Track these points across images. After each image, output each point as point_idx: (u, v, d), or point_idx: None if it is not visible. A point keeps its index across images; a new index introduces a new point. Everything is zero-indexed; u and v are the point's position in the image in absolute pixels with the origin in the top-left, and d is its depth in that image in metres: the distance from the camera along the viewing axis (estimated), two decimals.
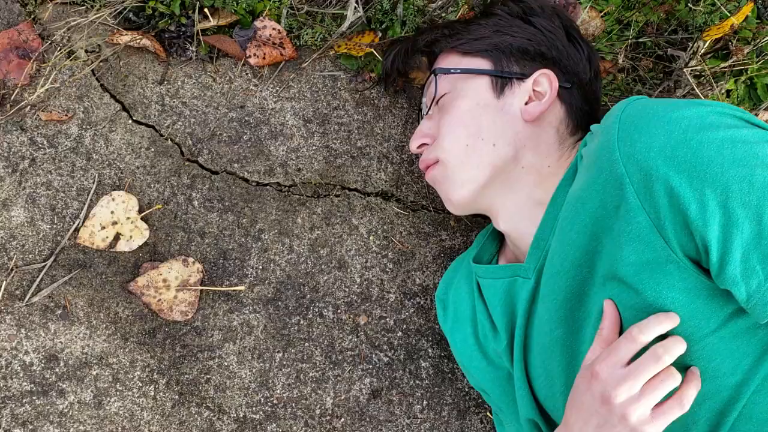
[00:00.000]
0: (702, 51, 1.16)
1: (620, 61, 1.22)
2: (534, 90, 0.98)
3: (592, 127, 0.88)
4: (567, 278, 0.85)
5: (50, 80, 1.17)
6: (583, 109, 1.01)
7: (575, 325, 0.86)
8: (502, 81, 0.98)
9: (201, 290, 1.14)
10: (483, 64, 1.00)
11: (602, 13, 1.26)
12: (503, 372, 1.02)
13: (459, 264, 1.13)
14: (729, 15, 1.20)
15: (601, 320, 0.80)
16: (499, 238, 1.10)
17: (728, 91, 1.21)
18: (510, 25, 1.00)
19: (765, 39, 1.21)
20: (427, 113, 1.06)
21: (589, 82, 1.02)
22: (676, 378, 0.75)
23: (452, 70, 1.01)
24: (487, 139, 0.96)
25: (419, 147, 1.05)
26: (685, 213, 0.70)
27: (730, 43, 1.22)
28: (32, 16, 1.20)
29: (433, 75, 1.04)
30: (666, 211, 0.72)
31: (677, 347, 0.75)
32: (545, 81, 0.97)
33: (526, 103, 0.97)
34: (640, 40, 1.25)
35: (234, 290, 1.15)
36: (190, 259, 1.15)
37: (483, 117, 0.97)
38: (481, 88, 0.99)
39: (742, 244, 0.68)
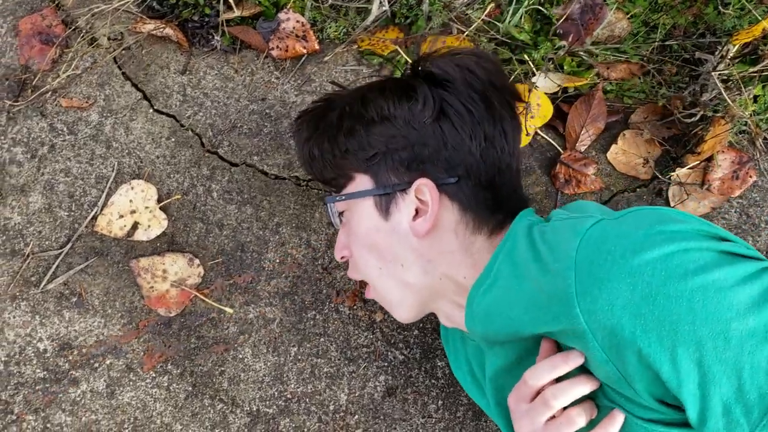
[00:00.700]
0: (731, 55, 1.14)
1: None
2: (419, 199, 0.88)
3: (549, 225, 0.80)
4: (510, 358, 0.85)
5: (72, 66, 1.16)
6: (480, 198, 0.88)
7: None
8: (385, 198, 0.89)
9: (194, 295, 1.13)
10: (365, 182, 0.91)
11: (629, 15, 1.24)
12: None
13: None
14: (760, 19, 1.18)
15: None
16: None
17: (756, 97, 1.19)
18: (372, 137, 0.89)
19: None
20: (338, 226, 0.99)
21: (481, 162, 0.87)
22: (578, 421, 0.74)
23: (337, 198, 0.94)
24: (393, 261, 0.90)
25: (342, 259, 1.00)
26: (658, 372, 0.64)
27: (759, 48, 1.20)
28: (56, 2, 1.19)
29: (323, 203, 0.99)
30: (635, 369, 0.66)
31: (569, 393, 0.74)
32: (425, 190, 0.86)
33: (415, 217, 0.88)
34: (667, 43, 1.23)
35: (222, 309, 1.13)
36: (196, 261, 1.13)
37: (379, 241, 0.90)
38: (367, 211, 0.91)
39: (722, 399, 0.63)
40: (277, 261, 1.16)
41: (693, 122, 1.18)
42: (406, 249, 0.89)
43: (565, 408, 0.76)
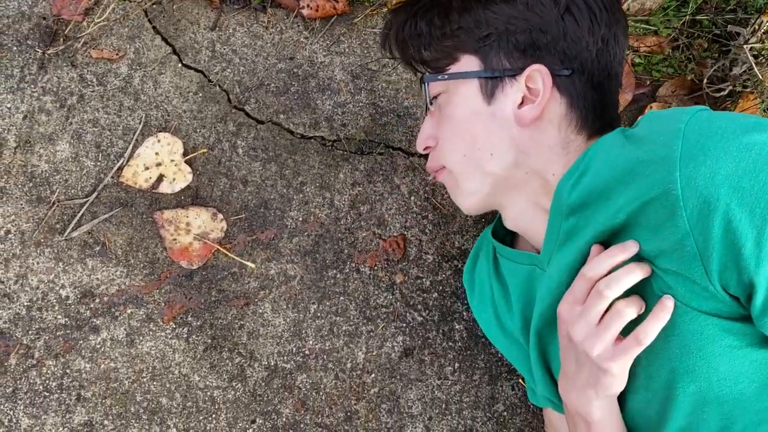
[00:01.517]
0: (764, 29, 1.13)
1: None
2: (528, 87, 0.86)
3: (641, 122, 0.78)
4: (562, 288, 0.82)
5: (107, 13, 1.16)
6: (589, 97, 0.86)
7: None
8: (492, 82, 0.86)
9: (216, 249, 1.13)
10: (471, 63, 0.88)
11: None
12: (523, 355, 1.01)
13: (481, 242, 1.10)
14: None
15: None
16: None
17: None
18: (490, 15, 0.86)
19: None
20: (426, 112, 0.97)
21: (596, 61, 0.86)
22: (627, 312, 0.73)
23: (439, 77, 0.90)
24: (484, 148, 0.87)
25: (425, 149, 0.98)
26: (739, 249, 0.63)
27: None
28: None
29: (421, 82, 0.95)
30: (718, 243, 0.64)
31: (622, 281, 0.72)
32: (538, 77, 0.84)
33: (520, 105, 0.86)
34: (697, 17, 1.22)
35: (244, 263, 1.13)
36: (220, 216, 1.13)
37: (476, 126, 0.88)
38: (470, 93, 0.88)
39: None
40: (300, 219, 1.16)
41: (721, 97, 1.17)
42: (504, 137, 0.86)
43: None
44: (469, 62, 0.88)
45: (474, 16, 0.87)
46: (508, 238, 1.06)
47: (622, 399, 0.82)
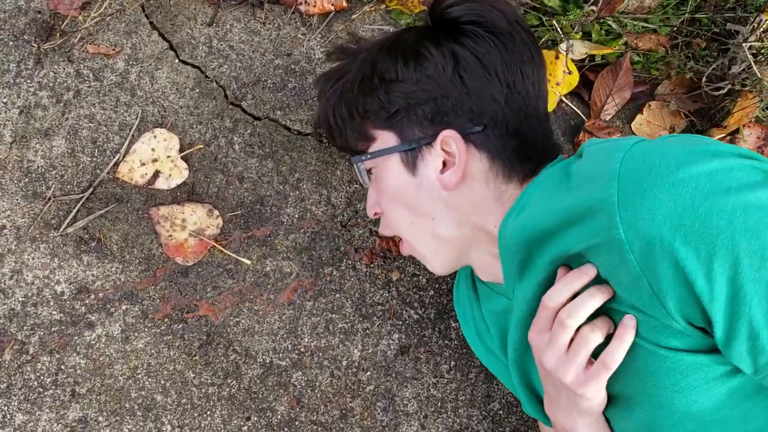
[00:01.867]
0: (763, 27, 1.12)
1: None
2: (445, 151, 0.86)
3: (583, 155, 0.77)
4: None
5: (102, 7, 1.16)
6: (508, 146, 0.85)
7: None
8: (411, 154, 0.87)
9: (212, 245, 1.12)
10: (389, 139, 0.90)
11: None
12: (505, 374, 1.01)
13: (461, 269, 1.11)
14: None
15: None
16: None
17: None
18: (391, 95, 0.87)
19: None
20: (367, 184, 0.98)
21: (506, 109, 0.85)
22: (593, 338, 0.72)
23: (362, 157, 0.92)
24: (424, 215, 0.90)
25: (375, 215, 1.00)
26: (692, 286, 0.63)
27: None
28: None
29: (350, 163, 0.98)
30: (670, 282, 0.64)
31: (582, 309, 0.72)
32: (451, 141, 0.84)
33: (442, 170, 0.86)
34: (696, 16, 1.22)
35: (240, 260, 1.12)
36: (216, 212, 1.13)
37: (408, 196, 0.89)
38: (394, 167, 0.89)
39: (750, 320, 0.62)
40: (296, 216, 1.15)
41: (720, 95, 1.16)
42: (436, 203, 0.88)
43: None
44: (386, 138, 0.90)
45: (376, 98, 0.88)
46: None
47: (610, 419, 0.82)
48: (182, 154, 1.14)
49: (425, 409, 1.11)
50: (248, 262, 1.12)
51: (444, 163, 0.87)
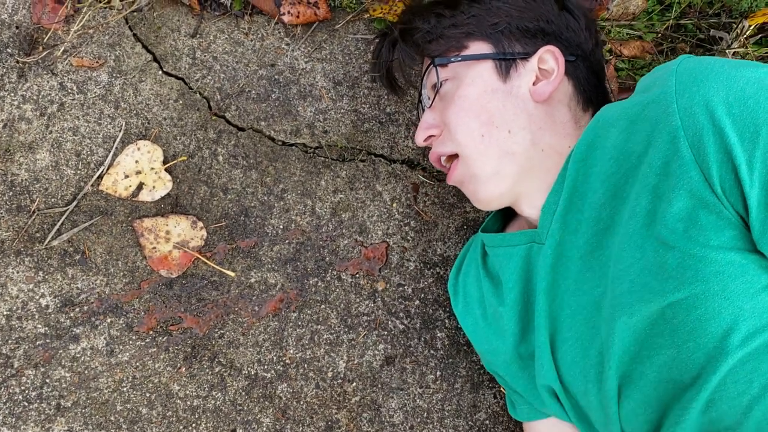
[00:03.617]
0: (747, 33, 1.10)
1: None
2: (540, 68, 0.90)
3: (637, 87, 0.82)
4: (586, 234, 0.82)
5: (83, 21, 1.14)
6: (591, 81, 0.94)
7: (596, 277, 0.82)
8: (506, 63, 0.90)
9: (196, 257, 1.11)
10: (483, 47, 0.91)
11: None
12: (512, 353, 0.98)
13: (467, 249, 1.09)
14: None
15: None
16: (509, 210, 1.06)
17: None
18: (501, 5, 0.91)
19: None
20: (429, 105, 0.96)
21: (592, 52, 0.96)
22: None
23: (452, 59, 0.91)
24: (501, 126, 0.88)
25: (426, 140, 0.96)
26: (737, 169, 0.67)
27: None
28: None
29: (431, 65, 0.94)
30: (718, 165, 0.68)
31: None
32: (550, 58, 0.90)
33: (533, 83, 0.90)
34: (681, 22, 1.20)
35: (224, 272, 1.11)
36: (200, 224, 1.11)
37: (492, 103, 0.88)
38: (485, 73, 0.90)
39: None
40: (281, 227, 1.14)
41: None
42: (520, 113, 0.89)
43: None
44: (480, 47, 0.92)
45: (484, 5, 0.92)
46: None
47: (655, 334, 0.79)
48: (166, 165, 1.13)
49: (411, 420, 1.10)
50: (232, 274, 1.11)
51: (535, 79, 0.90)
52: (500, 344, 0.98)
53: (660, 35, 1.19)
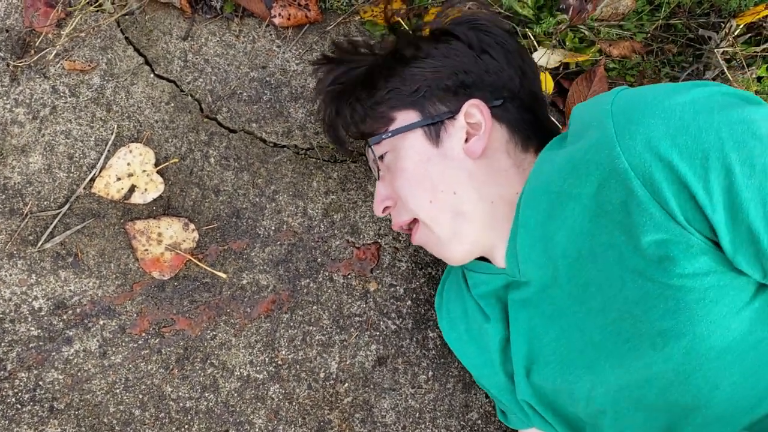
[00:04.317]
0: (735, 33, 1.10)
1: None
2: (468, 123, 0.89)
3: (571, 121, 0.81)
4: (561, 269, 0.81)
5: (75, 24, 1.14)
6: (525, 119, 0.92)
7: (576, 308, 0.82)
8: (434, 127, 0.90)
9: (188, 259, 1.11)
10: (410, 116, 0.91)
11: None
12: (499, 368, 0.98)
13: (449, 270, 1.09)
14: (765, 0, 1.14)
15: None
16: None
17: (759, 78, 1.15)
18: (414, 71, 0.91)
19: None
20: (378, 178, 0.97)
21: (520, 87, 0.93)
22: None
23: (383, 136, 0.92)
24: (446, 189, 0.88)
25: (384, 211, 0.97)
26: (695, 198, 0.67)
27: (763, 29, 1.16)
28: None
29: (366, 144, 0.96)
30: (675, 198, 0.68)
31: None
32: (476, 111, 0.89)
33: (466, 141, 0.89)
34: (671, 21, 1.20)
35: (216, 274, 1.11)
36: (192, 226, 1.11)
37: (431, 170, 0.89)
38: (416, 143, 0.90)
39: (748, 226, 0.66)
40: (273, 228, 1.14)
41: None
42: (461, 173, 0.88)
43: None
44: (407, 116, 0.91)
45: (400, 76, 0.91)
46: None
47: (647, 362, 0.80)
48: (158, 168, 1.13)
49: (403, 420, 1.09)
50: (224, 275, 1.11)
51: (467, 136, 0.89)
52: (486, 360, 0.99)
53: (649, 35, 1.19)
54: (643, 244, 0.71)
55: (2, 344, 1.06)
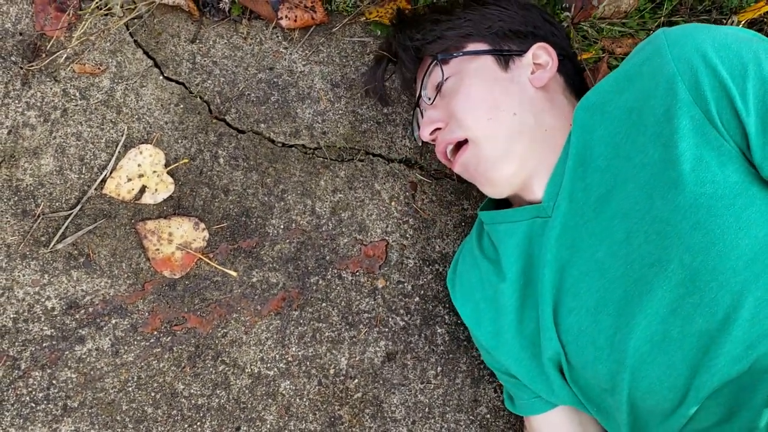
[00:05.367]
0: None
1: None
2: (534, 63, 0.97)
3: (629, 56, 0.90)
4: (591, 201, 0.85)
5: (85, 28, 1.16)
6: (576, 79, 1.03)
7: (604, 242, 0.84)
8: (504, 57, 0.97)
9: (199, 258, 1.12)
10: (481, 46, 0.98)
11: None
12: (515, 332, 0.97)
13: (463, 246, 1.10)
14: None
15: None
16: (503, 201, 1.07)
17: None
18: (492, 11, 1.00)
19: None
20: (431, 103, 1.00)
21: (573, 55, 1.05)
22: None
23: (455, 54, 0.98)
24: (506, 109, 0.93)
25: (432, 133, 0.99)
26: (732, 101, 0.74)
27: (765, 25, 1.17)
28: None
29: (434, 62, 0.99)
30: (715, 101, 0.75)
31: None
32: (543, 53, 0.97)
33: (531, 73, 0.97)
34: (673, 19, 1.21)
35: (226, 272, 1.12)
36: (202, 225, 1.12)
37: (496, 90, 0.94)
38: (487, 65, 0.97)
39: None
40: (282, 227, 1.15)
41: None
42: (523, 97, 0.94)
43: None
44: (478, 46, 0.98)
45: (479, 12, 1.00)
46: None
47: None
48: (168, 168, 1.14)
49: (413, 415, 1.10)
50: (234, 273, 1.12)
51: (533, 71, 0.97)
52: (502, 324, 0.98)
53: (652, 32, 1.20)
54: (680, 151, 0.77)
55: (16, 344, 1.07)
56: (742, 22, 1.13)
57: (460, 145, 0.96)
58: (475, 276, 1.01)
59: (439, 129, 0.98)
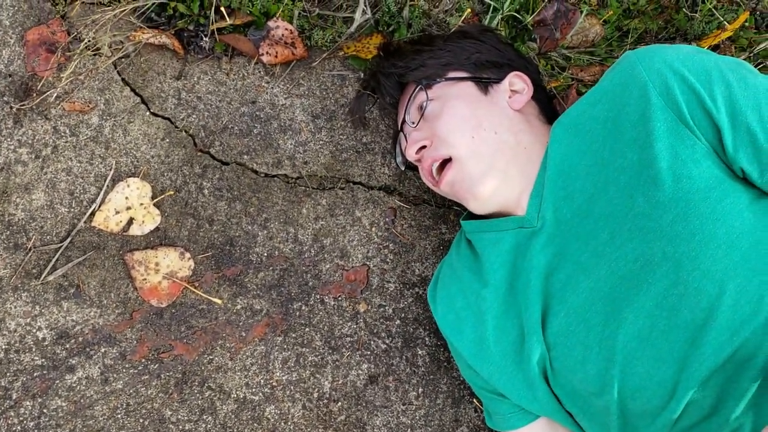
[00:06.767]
0: None
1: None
2: (511, 89, 1.05)
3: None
4: (574, 207, 0.91)
5: (73, 67, 1.20)
6: (548, 107, 1.10)
7: (590, 245, 0.89)
8: (483, 83, 1.04)
9: (185, 287, 1.15)
10: (462, 73, 1.05)
11: (602, 21, 1.27)
12: (496, 339, 0.98)
13: (442, 264, 1.12)
14: (726, 24, 1.20)
15: None
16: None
17: None
18: (470, 45, 1.07)
19: (761, 46, 1.21)
20: (415, 126, 1.04)
21: (544, 87, 1.13)
22: None
23: (437, 80, 1.04)
24: (488, 128, 0.98)
25: (418, 152, 1.02)
26: (702, 103, 0.82)
27: (726, 51, 1.21)
28: (61, 14, 1.24)
29: (417, 87, 1.04)
30: (686, 103, 0.83)
31: None
32: (519, 80, 1.05)
33: (509, 98, 1.04)
34: (638, 46, 1.25)
35: (211, 300, 1.15)
36: (187, 255, 1.15)
37: (479, 110, 1.00)
38: (468, 89, 1.03)
39: (746, 127, 0.80)
40: (265, 255, 1.18)
41: None
42: (503, 118, 1.01)
43: None
44: (459, 73, 1.05)
45: (458, 44, 1.07)
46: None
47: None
48: (154, 201, 1.17)
49: None
50: (219, 301, 1.15)
51: (510, 95, 1.05)
52: (483, 330, 0.98)
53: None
54: (656, 150, 0.84)
55: (8, 374, 1.10)
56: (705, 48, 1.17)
57: (444, 164, 1.00)
58: (456, 286, 1.03)
59: (424, 147, 1.02)
